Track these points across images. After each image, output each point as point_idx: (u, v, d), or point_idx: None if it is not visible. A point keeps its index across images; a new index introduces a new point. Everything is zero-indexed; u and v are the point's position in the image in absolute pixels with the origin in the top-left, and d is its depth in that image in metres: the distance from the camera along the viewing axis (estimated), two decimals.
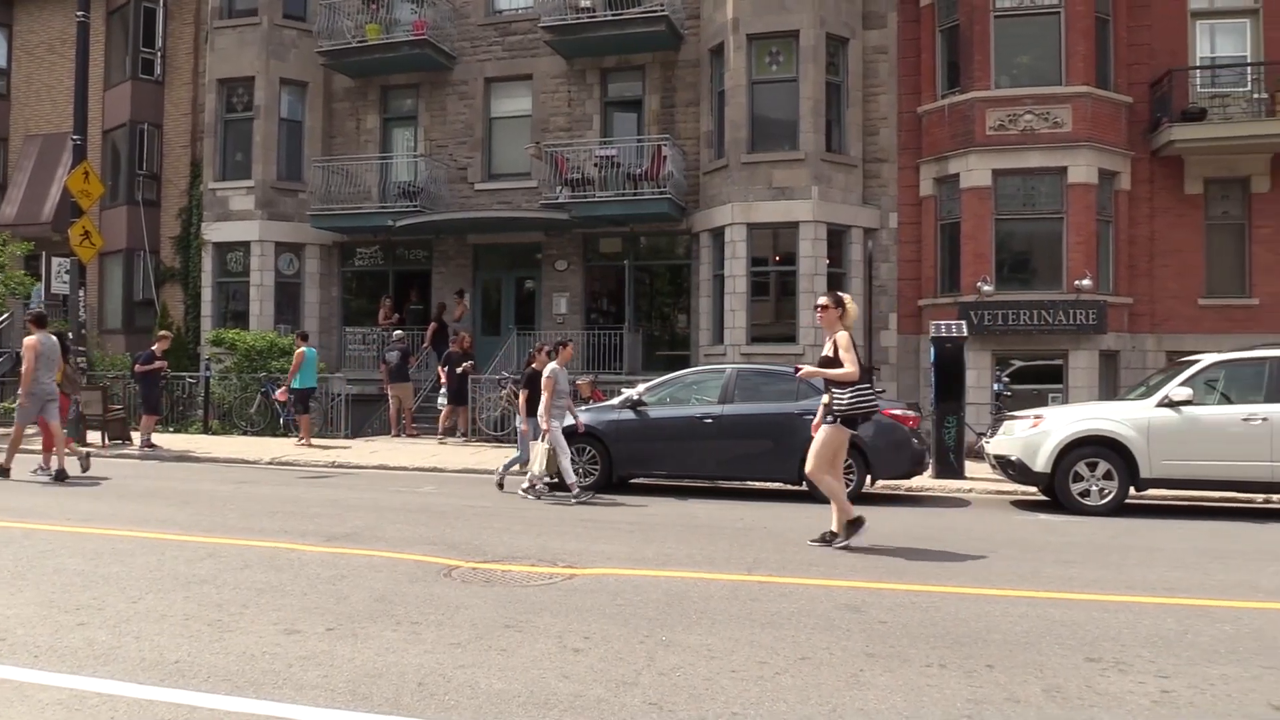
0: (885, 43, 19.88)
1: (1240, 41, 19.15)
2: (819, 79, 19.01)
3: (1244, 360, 11.63)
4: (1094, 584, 7.22)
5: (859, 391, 8.38)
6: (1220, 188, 19.01)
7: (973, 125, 18.36)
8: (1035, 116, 18.05)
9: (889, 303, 19.73)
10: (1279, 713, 4.43)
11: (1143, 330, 18.82)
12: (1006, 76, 18.44)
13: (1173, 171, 18.96)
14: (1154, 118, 18.72)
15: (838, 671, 4.93)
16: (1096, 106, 18.11)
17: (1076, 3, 18.00)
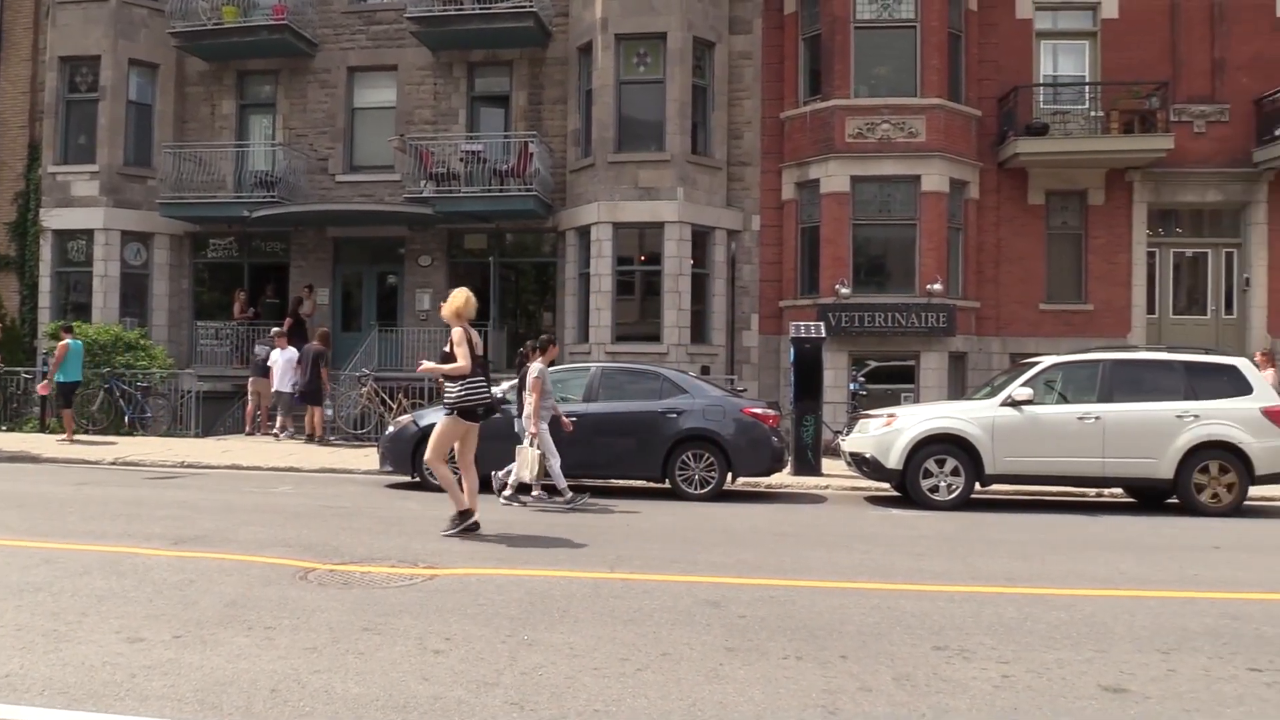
0: (750, 48, 20.26)
1: (1080, 62, 20.28)
2: (686, 81, 19.25)
3: (1080, 362, 12.34)
4: (942, 575, 7.53)
5: (469, 384, 8.77)
6: (1060, 199, 20.09)
7: (833, 132, 18.90)
8: (892, 126, 18.70)
9: (751, 303, 20.12)
10: (1108, 693, 4.71)
11: (989, 333, 19.72)
12: (865, 86, 19.05)
13: (1018, 183, 19.94)
14: (1001, 131, 19.65)
15: (698, 666, 5.01)
16: (949, 118, 18.88)
17: (931, 18, 18.73)
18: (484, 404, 8.92)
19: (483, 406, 8.89)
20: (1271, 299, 19.64)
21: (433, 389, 18.16)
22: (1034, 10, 20.07)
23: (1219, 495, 11.50)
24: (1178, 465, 11.51)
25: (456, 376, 8.78)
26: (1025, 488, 12.88)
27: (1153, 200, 19.89)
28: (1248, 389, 11.82)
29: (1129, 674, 5.04)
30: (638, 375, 12.92)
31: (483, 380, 8.95)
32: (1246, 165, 19.61)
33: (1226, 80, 19.73)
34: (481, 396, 8.86)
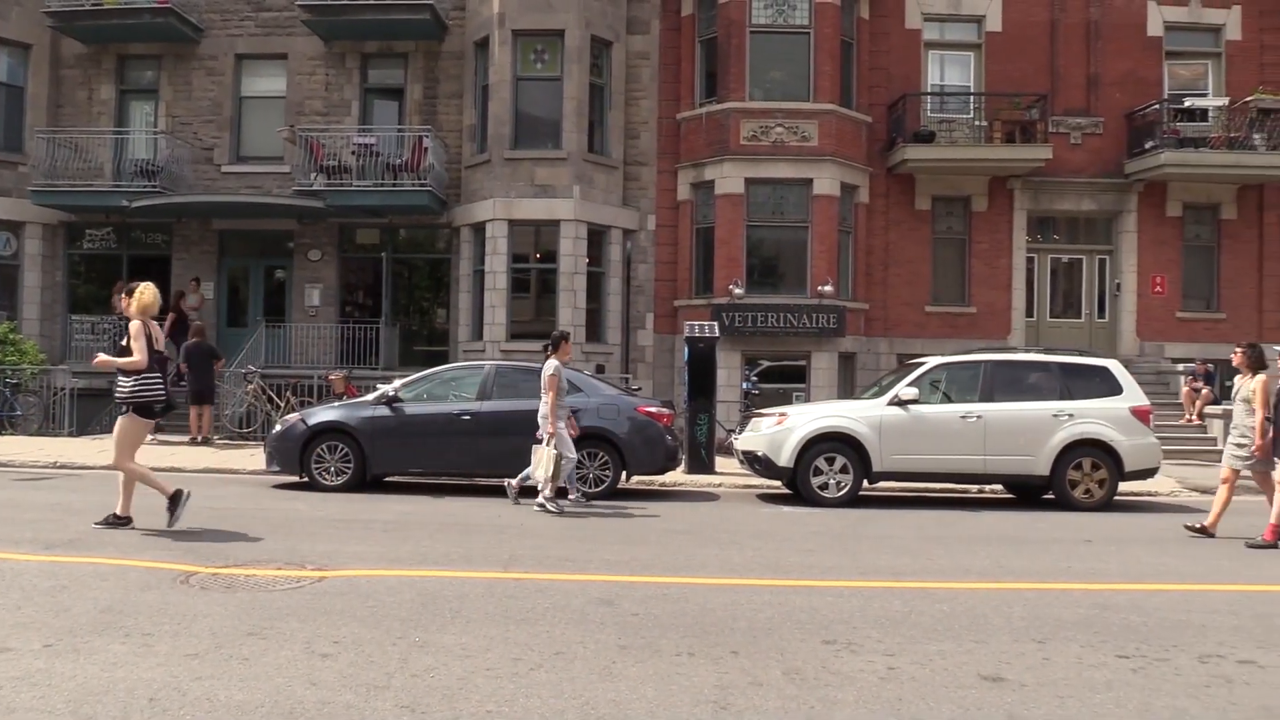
0: (648, 49, 20.36)
1: (966, 72, 20.96)
2: (583, 80, 19.23)
3: (963, 363, 12.76)
4: (831, 571, 7.70)
5: (143, 380, 8.63)
6: (946, 205, 20.73)
7: (728, 134, 19.13)
8: (785, 130, 19.02)
9: (646, 302, 20.23)
10: (987, 682, 4.88)
11: (877, 334, 20.23)
12: (760, 90, 19.32)
13: (906, 188, 20.50)
14: (890, 137, 20.17)
15: (591, 665, 5.02)
16: (840, 124, 19.29)
17: (824, 25, 19.11)
18: (160, 401, 8.75)
19: (159, 404, 8.74)
20: (1140, 304, 20.63)
21: (322, 387, 17.77)
22: (923, 21, 20.66)
23: (1091, 491, 12.02)
24: (1053, 462, 12.00)
25: (132, 371, 8.53)
26: (911, 484, 13.24)
27: (1032, 207, 20.68)
28: (1118, 389, 12.39)
29: (1007, 663, 5.23)
30: (532, 373, 12.79)
31: (160, 377, 8.75)
32: (1118, 176, 20.55)
33: (1101, 95, 20.63)
34: (157, 393, 8.67)
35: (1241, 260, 20.92)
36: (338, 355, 20.02)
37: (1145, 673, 5.13)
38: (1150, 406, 12.61)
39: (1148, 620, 6.25)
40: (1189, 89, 20.99)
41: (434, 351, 20.33)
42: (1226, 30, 20.88)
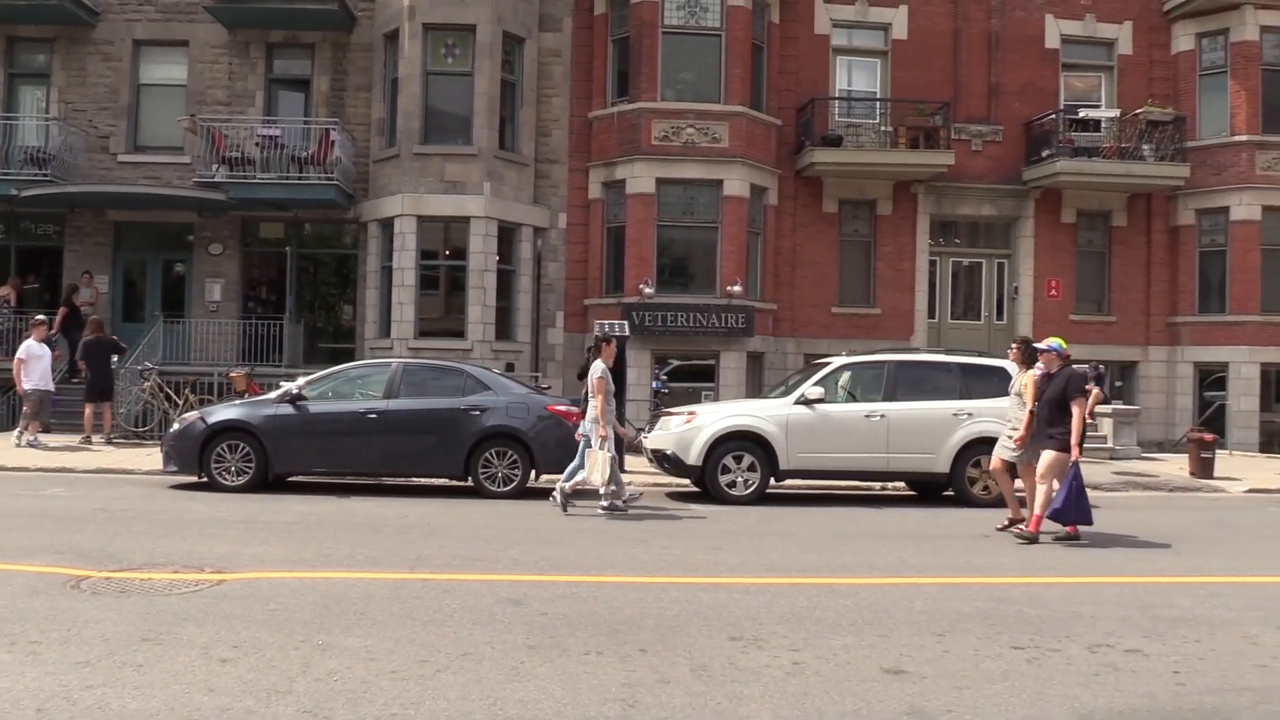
0: (560, 46, 20.29)
1: (872, 78, 21.39)
2: (494, 76, 19.08)
3: (867, 363, 13.02)
4: (738, 568, 7.79)
5: None
6: (852, 208, 21.13)
7: (639, 134, 19.19)
8: (696, 131, 19.16)
9: (556, 301, 20.17)
10: (889, 675, 5.00)
11: (785, 334, 20.52)
12: (672, 90, 19.42)
13: (814, 191, 20.83)
14: (799, 140, 20.47)
15: (499, 665, 4.99)
16: (751, 126, 19.51)
17: (736, 28, 19.30)
18: None
19: None
20: (1036, 306, 21.32)
21: (223, 384, 17.29)
22: (831, 27, 21.01)
23: (989, 488, 12.33)
24: (953, 460, 12.31)
25: None
26: (817, 482, 13.45)
27: (935, 212, 21.21)
28: None
29: (908, 656, 5.36)
30: (441, 372, 12.75)
31: None
32: (1017, 183, 21.21)
33: (1001, 104, 21.26)
34: None
35: (1131, 265, 21.78)
36: (239, 352, 19.50)
37: (1039, 663, 5.31)
38: None
39: (1042, 612, 6.47)
40: (1084, 100, 21.76)
41: (340, 349, 19.97)
42: (1119, 45, 21.71)
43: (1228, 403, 20.94)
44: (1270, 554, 9.35)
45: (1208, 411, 21.23)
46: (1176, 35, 21.71)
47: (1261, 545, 9.95)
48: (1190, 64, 21.58)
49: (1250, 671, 5.26)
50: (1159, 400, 21.65)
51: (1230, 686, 4.99)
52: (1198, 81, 21.52)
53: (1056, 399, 9.56)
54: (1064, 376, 9.64)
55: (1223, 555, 9.19)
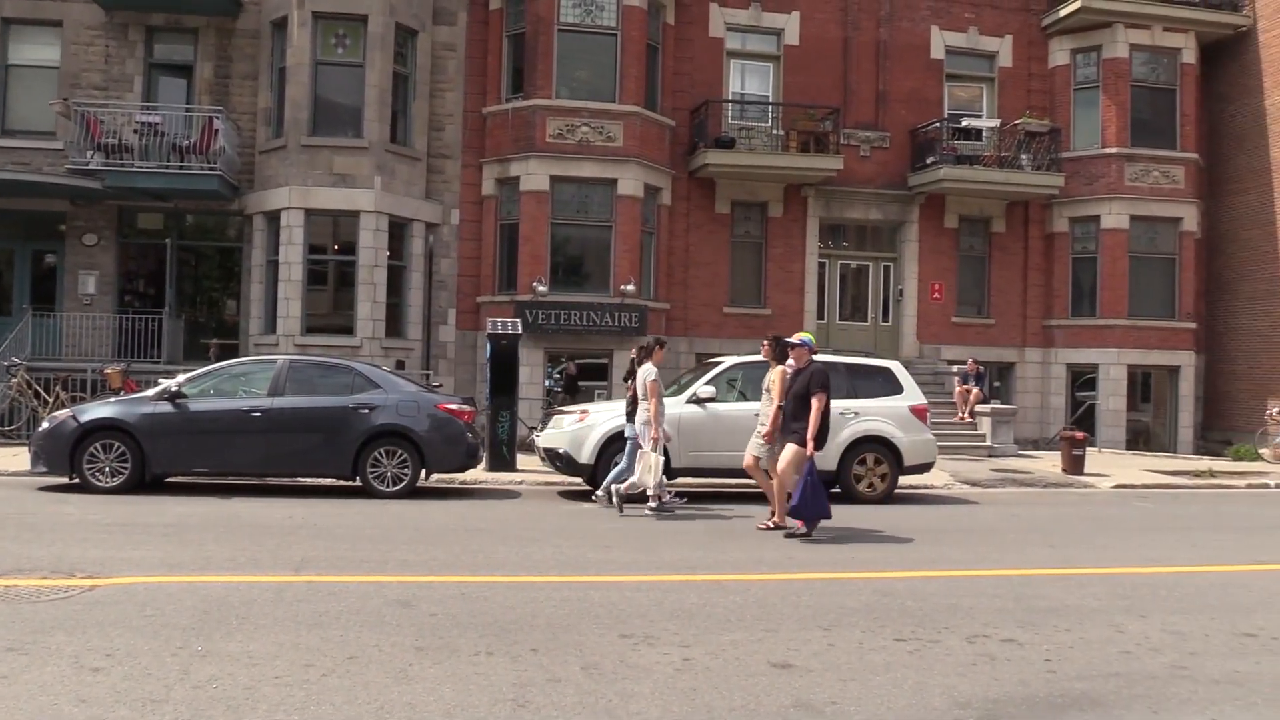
0: (455, 40, 20.04)
1: (765, 82, 21.73)
2: (386, 68, 18.73)
3: (758, 362, 13.15)
4: (630, 566, 7.82)
5: None
6: (744, 210, 21.43)
7: (534, 131, 19.09)
8: (591, 129, 19.16)
9: (448, 298, 19.92)
10: (776, 669, 5.08)
11: (677, 333, 20.67)
12: (567, 88, 19.38)
13: (707, 192, 21.05)
14: (693, 141, 20.66)
15: (387, 668, 4.91)
16: (645, 126, 19.60)
17: (631, 28, 19.36)
18: None
19: None
20: (920, 309, 21.97)
21: (97, 381, 16.60)
22: (725, 30, 21.26)
23: (874, 485, 12.70)
24: (840, 457, 12.58)
25: None
26: (708, 480, 13.58)
27: (824, 215, 21.66)
28: (899, 389, 13.15)
29: (795, 650, 5.46)
30: (328, 369, 12.45)
31: None
32: (902, 188, 21.81)
33: (888, 111, 21.84)
34: None
35: (1009, 270, 22.62)
36: (115, 348, 18.71)
37: (920, 654, 5.47)
38: (927, 405, 13.48)
39: (923, 605, 6.66)
40: (966, 109, 22.51)
41: (222, 345, 19.31)
42: (1000, 57, 22.52)
43: (1097, 402, 21.94)
44: (1135, 546, 9.82)
45: (1079, 411, 22.20)
46: (1053, 50, 22.64)
47: (1127, 538, 10.44)
48: (1066, 78, 22.53)
49: (1116, 658, 5.51)
50: (1034, 400, 22.54)
51: (1098, 673, 5.22)
52: (1072, 95, 22.50)
53: (801, 394, 9.59)
54: (809, 372, 9.68)
55: (1091, 548, 9.62)
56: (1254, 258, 23.19)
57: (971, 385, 20.08)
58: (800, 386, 9.65)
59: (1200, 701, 4.79)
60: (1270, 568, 8.71)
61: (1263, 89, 22.94)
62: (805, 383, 9.62)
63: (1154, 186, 22.03)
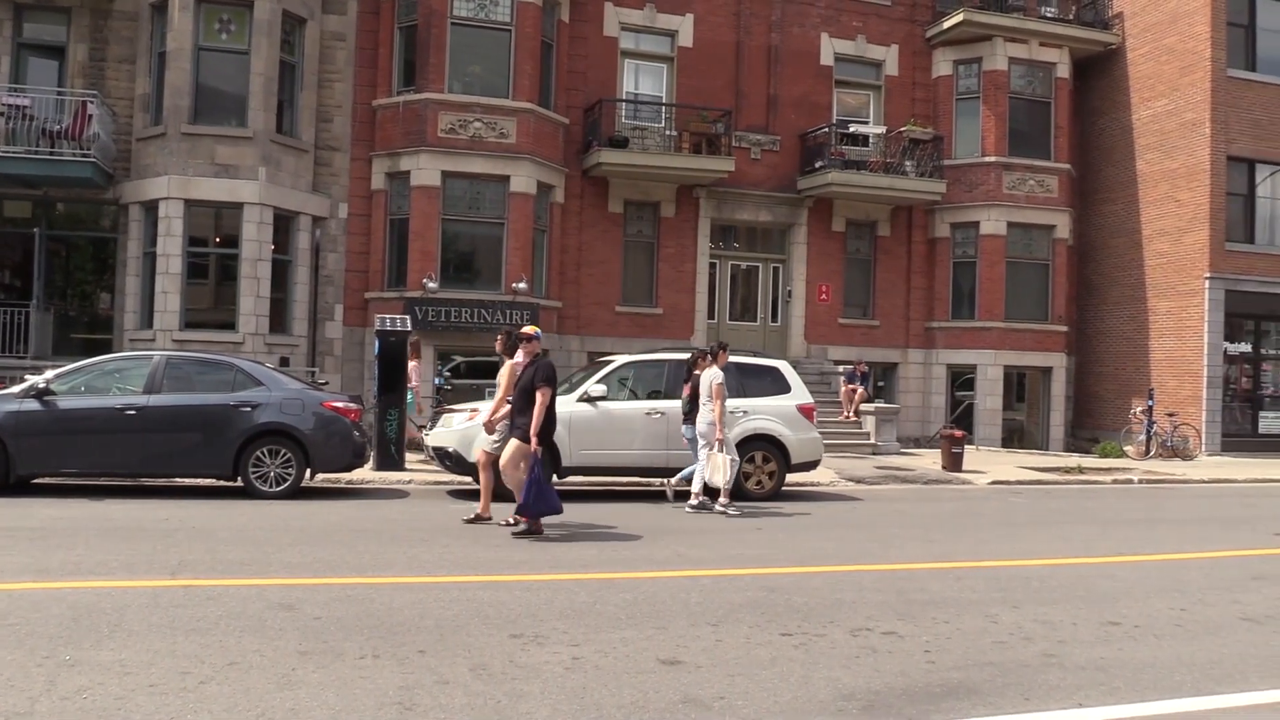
0: (345, 30, 19.60)
1: (659, 83, 21.86)
2: (273, 56, 18.21)
3: (648, 362, 13.32)
4: (520, 565, 7.79)
5: None
6: (637, 209, 21.52)
7: (425, 125, 18.82)
8: (484, 125, 18.98)
9: (335, 293, 19.49)
10: (665, 665, 5.13)
11: (569, 332, 20.66)
12: (459, 83, 19.15)
13: (600, 191, 21.07)
14: (586, 140, 20.65)
15: (269, 674, 4.79)
16: (538, 123, 19.51)
17: (525, 24, 19.24)
18: None
19: None
20: (808, 310, 22.42)
21: None
22: (620, 30, 21.31)
23: (762, 482, 12.91)
24: None
25: None
26: (599, 478, 13.62)
27: (715, 216, 21.92)
28: (787, 388, 13.40)
29: (683, 646, 5.52)
30: (208, 365, 12.05)
31: None
32: (792, 191, 22.22)
33: (779, 115, 22.21)
34: None
35: (893, 274, 23.26)
36: None
37: (806, 648, 5.59)
38: (814, 404, 13.77)
39: (809, 600, 6.81)
40: (854, 116, 23.06)
41: (96, 340, 18.49)
42: (886, 66, 23.13)
43: (975, 402, 22.74)
44: (1009, 540, 10.21)
45: (958, 410, 22.98)
46: (937, 60, 23.36)
47: (1001, 532, 10.85)
48: (948, 88, 23.28)
49: (991, 648, 5.73)
50: (916, 399, 23.23)
51: (974, 662, 5.42)
52: (954, 105, 23.27)
53: (527, 388, 9.36)
54: (535, 365, 9.46)
55: (969, 542, 9.97)
56: (1120, 265, 24.39)
57: (857, 385, 20.58)
58: (526, 380, 9.40)
59: (1068, 688, 5.01)
60: (1133, 559, 9.17)
61: (1130, 104, 24.13)
62: (530, 376, 9.37)
63: (1030, 195, 22.94)
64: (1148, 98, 23.72)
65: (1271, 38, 23.32)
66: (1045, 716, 4.56)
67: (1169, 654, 5.74)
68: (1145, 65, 23.79)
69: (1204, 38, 22.27)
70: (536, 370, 9.37)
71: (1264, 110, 22.83)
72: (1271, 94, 22.94)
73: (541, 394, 9.18)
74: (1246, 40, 23.02)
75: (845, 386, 20.65)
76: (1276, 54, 23.34)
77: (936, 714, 4.55)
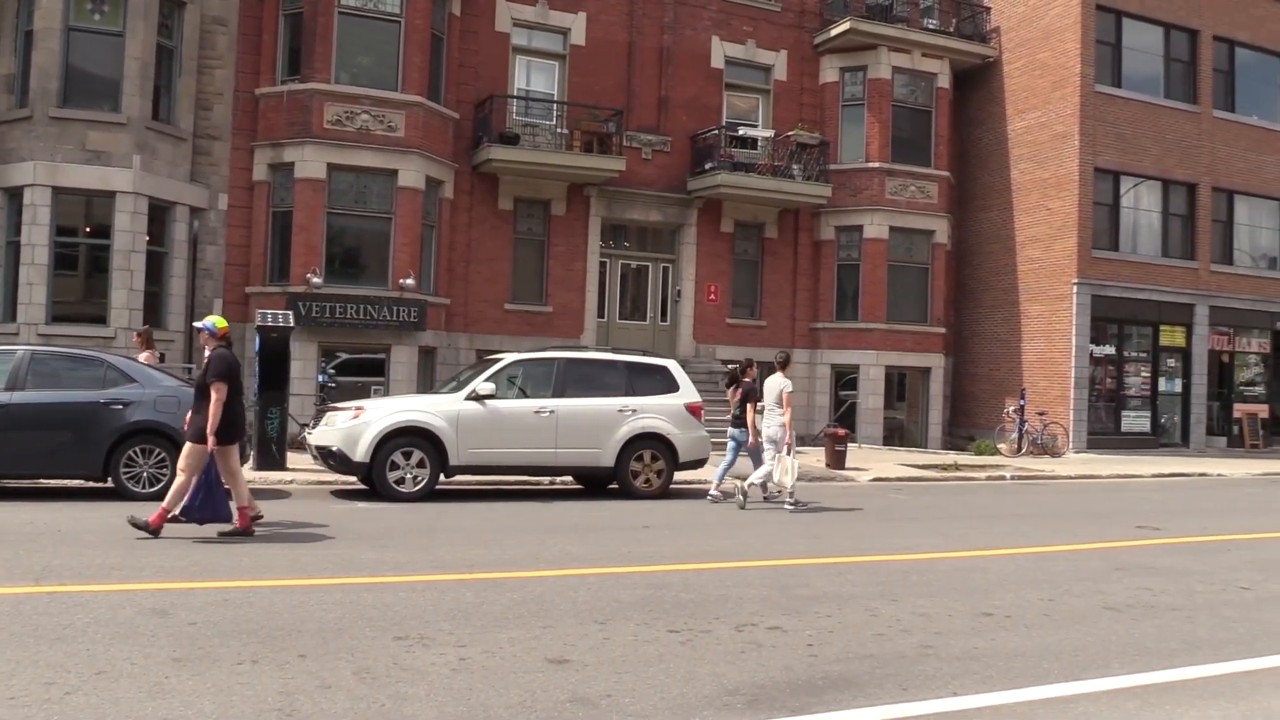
0: (227, 14, 18.95)
1: (551, 80, 21.77)
2: (150, 39, 17.49)
3: (538, 360, 13.27)
4: (406, 566, 7.68)
5: None
6: (528, 207, 21.40)
7: (311, 116, 18.35)
8: (372, 118, 18.60)
9: (214, 288, 18.86)
10: (552, 665, 5.13)
11: (458, 329, 20.43)
12: (347, 73, 18.73)
13: (490, 187, 20.88)
14: (476, 136, 20.44)
15: (140, 682, 4.62)
16: (428, 117, 19.22)
17: (415, 16, 18.92)
18: None
19: None
20: (697, 310, 22.65)
21: None
22: (512, 25, 21.15)
23: (650, 480, 13.01)
24: (618, 454, 12.81)
25: None
26: (488, 477, 13.52)
27: (606, 215, 21.95)
28: (676, 387, 13.53)
29: (571, 645, 5.53)
30: (77, 361, 11.50)
31: None
32: (682, 192, 22.41)
33: (670, 116, 22.37)
34: None
35: (780, 275, 23.67)
36: None
37: (692, 644, 5.66)
38: (702, 403, 13.92)
39: (695, 596, 6.89)
40: (744, 119, 23.39)
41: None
42: (775, 70, 23.52)
43: (858, 401, 23.32)
44: (889, 535, 10.51)
45: (842, 409, 23.53)
46: (824, 67, 23.87)
47: (882, 527, 11.16)
48: (835, 94, 23.81)
49: (871, 640, 5.89)
50: (801, 399, 23.61)
51: (855, 655, 5.57)
52: (840, 111, 23.81)
53: (201, 384, 8.69)
54: (209, 359, 8.79)
55: (851, 537, 10.23)
56: (995, 269, 25.35)
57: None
58: (200, 377, 8.81)
59: (944, 678, 5.19)
60: (1005, 552, 9.55)
61: (1006, 115, 25.09)
62: (204, 372, 8.73)
63: (911, 200, 23.64)
64: (1022, 109, 24.70)
65: (1136, 56, 24.59)
66: (922, 706, 4.72)
67: (1038, 643, 6.00)
68: (1020, 78, 24.76)
69: (1074, 54, 23.30)
70: (210, 364, 8.63)
71: (1129, 125, 24.02)
72: (1135, 109, 24.17)
73: (216, 390, 8.46)
74: (1114, 58, 24.21)
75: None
76: (1140, 72, 24.63)
77: (818, 706, 4.66)
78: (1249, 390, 26.64)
